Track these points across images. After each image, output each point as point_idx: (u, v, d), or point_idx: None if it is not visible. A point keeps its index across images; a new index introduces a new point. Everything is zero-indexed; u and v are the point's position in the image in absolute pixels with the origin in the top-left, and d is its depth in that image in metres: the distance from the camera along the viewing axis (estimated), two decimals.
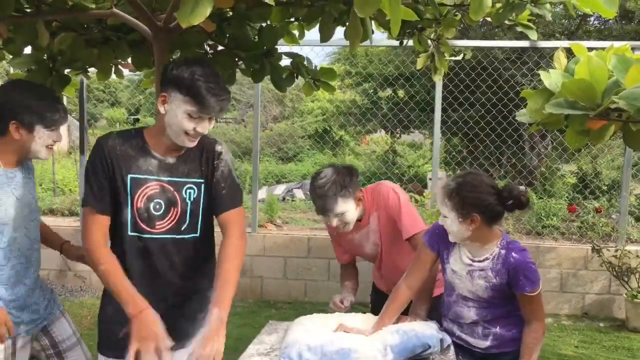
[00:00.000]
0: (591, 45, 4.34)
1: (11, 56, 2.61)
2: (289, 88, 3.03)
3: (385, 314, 2.16)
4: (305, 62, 2.88)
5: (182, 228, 1.87)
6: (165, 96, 1.76)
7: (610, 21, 8.79)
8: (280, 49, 2.75)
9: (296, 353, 1.91)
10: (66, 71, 2.72)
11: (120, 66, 2.99)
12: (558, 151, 7.94)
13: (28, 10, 2.27)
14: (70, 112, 7.23)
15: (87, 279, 5.52)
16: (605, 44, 2.28)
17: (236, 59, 2.74)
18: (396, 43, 3.33)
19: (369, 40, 1.96)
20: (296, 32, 2.94)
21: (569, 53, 1.97)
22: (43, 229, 2.26)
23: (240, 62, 2.77)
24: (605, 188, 7.53)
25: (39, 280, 2.17)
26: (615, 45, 1.93)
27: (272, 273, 5.39)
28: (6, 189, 1.97)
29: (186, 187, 1.86)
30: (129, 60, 2.76)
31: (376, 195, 2.43)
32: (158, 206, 1.83)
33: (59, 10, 2.26)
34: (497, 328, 2.09)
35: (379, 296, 2.69)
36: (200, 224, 1.90)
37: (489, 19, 2.52)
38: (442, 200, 2.03)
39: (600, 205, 6.38)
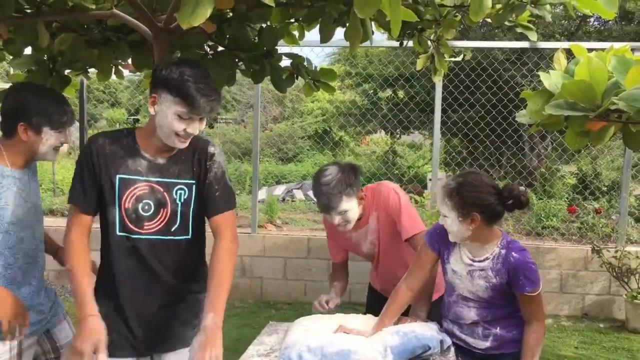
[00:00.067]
0: (591, 46, 4.35)
1: (11, 57, 2.61)
2: (289, 89, 3.03)
3: (385, 315, 2.16)
4: (305, 63, 2.88)
5: (172, 229, 1.85)
6: (155, 97, 1.75)
7: (610, 22, 8.79)
8: (280, 50, 2.75)
9: (296, 354, 1.91)
10: (66, 72, 2.72)
11: (120, 67, 2.99)
12: (558, 152, 7.94)
13: (28, 11, 2.27)
14: None
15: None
16: (605, 45, 2.28)
17: (236, 60, 2.74)
18: (396, 44, 3.33)
19: (369, 41, 1.97)
20: (296, 33, 2.94)
21: (569, 54, 1.98)
22: None
23: (240, 63, 2.77)
24: (605, 189, 7.53)
25: (44, 281, 2.17)
26: (615, 46, 1.93)
27: (272, 273, 5.39)
28: (14, 190, 1.98)
29: (177, 188, 1.84)
30: (129, 61, 2.76)
31: (376, 195, 2.43)
32: (147, 207, 1.82)
33: (59, 11, 2.26)
34: (498, 329, 2.09)
35: (375, 296, 2.69)
36: (191, 226, 1.88)
37: (489, 20, 2.52)
38: (443, 199, 2.03)
39: (600, 206, 6.39)
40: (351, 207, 2.32)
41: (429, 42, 3.11)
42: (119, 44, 2.62)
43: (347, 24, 1.85)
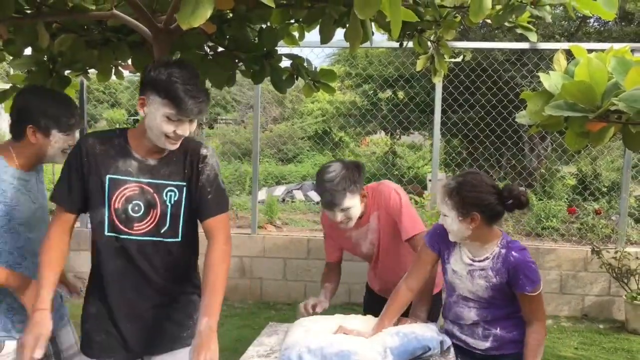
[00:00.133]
0: (591, 47, 4.35)
1: (11, 57, 2.61)
2: (289, 89, 3.03)
3: (385, 316, 2.16)
4: (305, 64, 2.88)
5: (162, 230, 1.84)
6: (143, 99, 1.74)
7: (609, 23, 8.79)
8: (280, 51, 2.75)
9: (296, 355, 1.91)
10: (66, 72, 2.72)
11: (120, 67, 2.99)
12: (558, 153, 7.94)
13: (28, 11, 2.28)
14: None
15: (87, 280, 5.51)
16: (605, 46, 2.28)
17: (236, 61, 2.74)
18: (396, 44, 3.33)
19: (369, 41, 1.97)
20: (296, 34, 2.95)
21: (569, 55, 1.98)
22: None
23: (240, 64, 2.78)
24: (605, 190, 7.53)
25: None
26: (614, 47, 1.93)
27: (272, 274, 5.39)
28: (23, 191, 2.00)
29: (167, 190, 1.83)
30: (129, 61, 2.76)
31: (377, 194, 2.43)
32: (137, 208, 1.80)
33: (59, 11, 2.26)
34: (497, 329, 2.09)
35: (372, 296, 2.69)
36: (181, 228, 1.86)
37: (489, 21, 2.52)
38: (443, 199, 2.04)
39: (600, 206, 6.38)
40: (354, 205, 2.32)
41: (429, 43, 3.11)
42: (119, 45, 2.62)
43: (347, 25, 1.85)
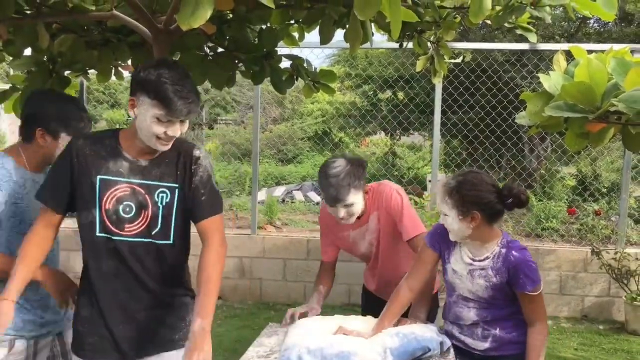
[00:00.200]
0: (591, 47, 4.35)
1: (11, 58, 2.61)
2: (289, 90, 3.03)
3: (385, 316, 2.16)
4: (305, 64, 2.88)
5: (153, 232, 1.82)
6: (133, 100, 1.73)
7: (609, 24, 8.79)
8: (280, 51, 2.75)
9: (296, 355, 1.90)
10: (66, 73, 2.72)
11: (120, 68, 2.99)
12: (557, 153, 7.94)
13: (28, 12, 2.27)
14: None
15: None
16: (604, 47, 2.28)
17: (236, 61, 2.74)
18: (396, 45, 3.33)
19: (369, 42, 1.97)
20: (296, 35, 2.95)
21: (569, 56, 1.98)
22: None
23: (240, 64, 2.78)
24: (604, 190, 7.53)
25: None
26: (614, 48, 1.93)
27: (272, 275, 5.39)
28: (33, 192, 2.01)
29: (158, 191, 1.82)
30: (129, 62, 2.76)
31: (378, 194, 2.42)
32: (128, 209, 1.79)
33: (59, 12, 2.26)
34: (497, 330, 2.09)
35: (369, 297, 2.68)
36: (173, 231, 1.85)
37: (489, 22, 2.52)
38: (443, 198, 2.04)
39: (599, 207, 6.38)
40: (357, 201, 2.31)
41: (429, 44, 3.11)
42: (119, 45, 2.62)
43: (347, 26, 1.85)
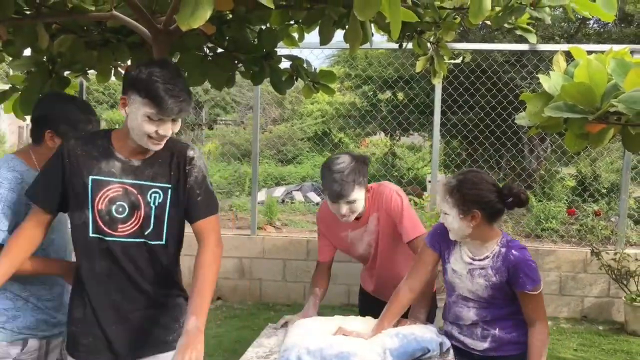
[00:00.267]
0: (590, 48, 4.35)
1: (11, 58, 2.61)
2: (289, 90, 3.04)
3: (385, 317, 2.16)
4: (304, 65, 2.88)
5: (146, 232, 1.81)
6: (125, 99, 1.72)
7: (609, 24, 8.80)
8: (279, 52, 2.75)
9: (295, 356, 1.90)
10: (66, 73, 2.72)
11: (119, 68, 2.99)
12: (557, 154, 7.95)
13: (28, 12, 2.28)
14: None
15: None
16: (604, 47, 2.28)
17: (236, 62, 2.74)
18: (396, 46, 3.34)
19: (369, 43, 1.97)
20: (296, 35, 2.95)
21: (568, 56, 1.98)
22: None
23: (239, 65, 2.78)
24: (604, 191, 7.54)
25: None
26: (614, 48, 1.93)
27: (271, 275, 5.39)
28: None
29: (151, 192, 1.80)
30: (129, 62, 2.76)
31: (377, 196, 2.41)
32: (121, 209, 1.78)
33: (59, 12, 2.26)
34: (496, 330, 2.09)
35: (366, 298, 2.67)
36: (165, 231, 1.84)
37: (488, 22, 2.52)
38: (444, 197, 2.05)
39: (599, 208, 6.39)
40: (360, 198, 2.30)
41: (429, 44, 3.11)
42: (119, 46, 2.62)
43: (347, 26, 1.85)
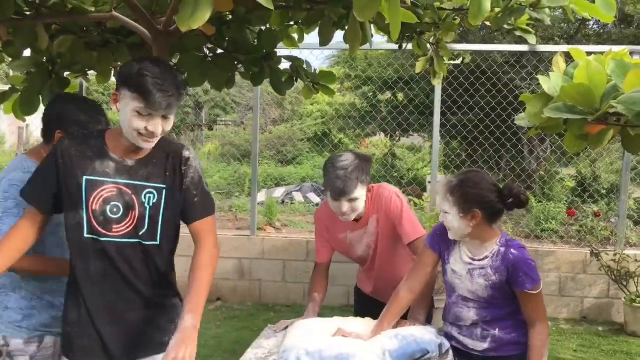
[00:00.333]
0: (590, 49, 4.36)
1: (10, 59, 2.61)
2: (288, 91, 3.04)
3: (384, 318, 2.16)
4: (304, 65, 2.88)
5: (140, 233, 1.81)
6: (116, 94, 1.72)
7: (609, 25, 8.80)
8: (279, 52, 2.75)
9: (294, 357, 1.90)
10: (65, 74, 2.71)
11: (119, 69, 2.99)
12: (557, 155, 7.95)
13: (27, 12, 2.27)
14: None
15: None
16: (604, 48, 2.28)
17: (235, 62, 2.74)
18: (395, 46, 3.33)
19: (368, 43, 1.97)
20: (295, 36, 2.95)
21: (568, 57, 1.98)
22: None
23: (239, 65, 2.78)
24: (604, 191, 7.54)
25: None
26: (613, 49, 1.94)
27: (271, 276, 5.39)
28: None
29: (145, 192, 1.80)
30: None
31: (377, 197, 2.41)
32: (115, 209, 1.78)
33: (59, 13, 2.26)
34: (496, 330, 2.09)
35: (363, 299, 2.67)
36: (159, 232, 1.83)
37: (488, 23, 2.52)
38: (444, 195, 2.05)
39: (599, 208, 6.39)
40: (362, 196, 2.30)
41: (428, 45, 3.11)
42: (118, 46, 2.62)
43: (347, 27, 1.86)
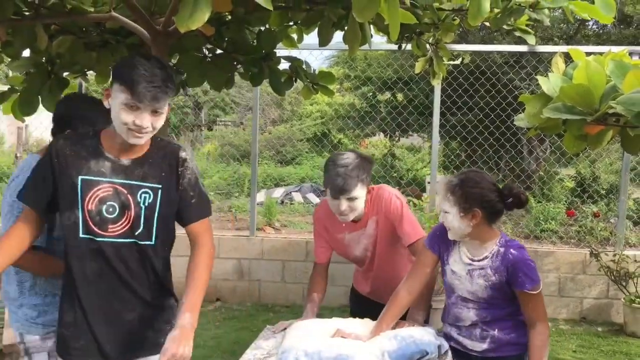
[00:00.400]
0: (589, 50, 4.36)
1: (10, 59, 2.61)
2: (288, 91, 3.04)
3: (383, 319, 2.16)
4: (303, 66, 2.88)
5: (137, 233, 1.80)
6: (109, 90, 1.73)
7: (608, 26, 8.80)
8: (279, 53, 2.75)
9: (293, 358, 1.90)
10: (65, 74, 2.72)
11: None
12: (556, 155, 7.94)
13: (27, 13, 2.27)
14: None
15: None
16: (603, 49, 2.29)
17: (235, 63, 2.74)
18: (395, 47, 3.34)
19: (368, 44, 1.97)
20: (295, 36, 2.95)
21: (567, 58, 1.98)
22: None
23: (239, 66, 2.78)
24: (603, 192, 7.54)
25: None
26: (613, 50, 1.94)
27: (271, 276, 5.38)
28: None
29: (141, 192, 1.79)
30: None
31: (377, 199, 2.40)
32: (111, 209, 1.77)
33: (58, 13, 2.26)
34: (495, 331, 2.09)
35: (360, 300, 2.67)
36: (155, 232, 1.83)
37: (487, 24, 2.52)
38: (445, 195, 2.05)
39: (598, 209, 6.39)
40: (361, 196, 2.30)
41: (428, 46, 3.11)
42: (118, 47, 2.62)
43: (346, 28, 1.85)
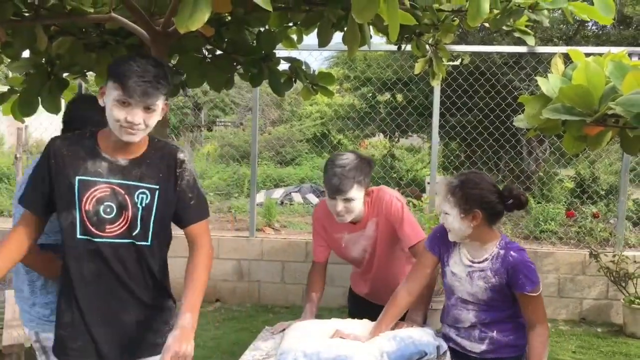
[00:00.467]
0: (589, 50, 4.36)
1: (9, 60, 2.61)
2: (288, 92, 3.04)
3: (383, 320, 2.16)
4: (303, 67, 2.88)
5: (134, 233, 1.80)
6: (103, 89, 1.73)
7: (608, 27, 8.80)
8: (278, 54, 2.75)
9: (292, 359, 1.90)
10: (64, 75, 2.71)
11: None
12: (556, 156, 7.94)
13: (26, 14, 2.27)
14: None
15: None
16: (603, 50, 2.29)
17: (235, 64, 2.74)
18: (394, 48, 3.34)
19: (367, 45, 1.97)
20: (294, 37, 2.95)
21: (567, 59, 1.98)
22: None
23: (238, 67, 2.78)
24: (603, 193, 7.53)
25: None
26: (612, 51, 1.94)
27: (270, 277, 5.38)
28: None
29: (138, 192, 1.79)
30: None
31: (377, 201, 2.39)
32: (109, 209, 1.77)
33: (58, 14, 2.26)
34: (494, 332, 2.09)
35: (357, 300, 2.67)
36: (151, 233, 1.82)
37: (487, 25, 2.53)
38: (445, 196, 2.05)
39: (598, 210, 6.38)
40: (358, 198, 2.29)
41: (427, 46, 3.11)
42: (117, 48, 2.62)
43: (345, 28, 1.85)
